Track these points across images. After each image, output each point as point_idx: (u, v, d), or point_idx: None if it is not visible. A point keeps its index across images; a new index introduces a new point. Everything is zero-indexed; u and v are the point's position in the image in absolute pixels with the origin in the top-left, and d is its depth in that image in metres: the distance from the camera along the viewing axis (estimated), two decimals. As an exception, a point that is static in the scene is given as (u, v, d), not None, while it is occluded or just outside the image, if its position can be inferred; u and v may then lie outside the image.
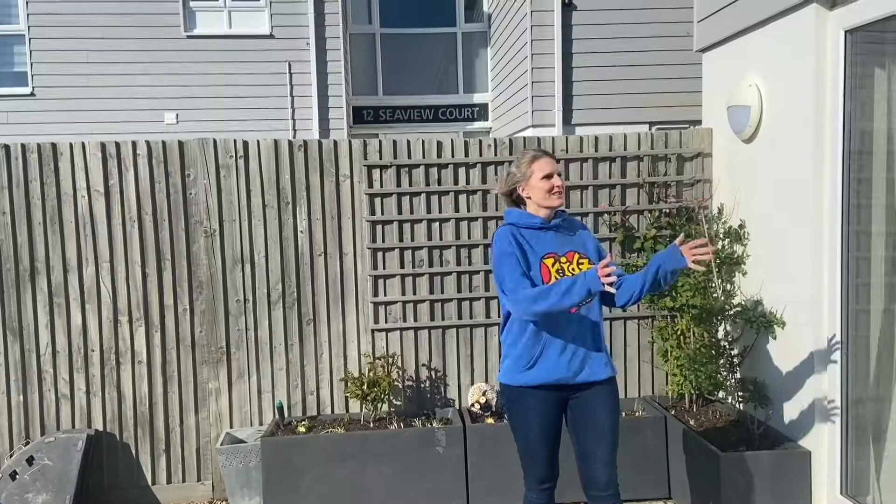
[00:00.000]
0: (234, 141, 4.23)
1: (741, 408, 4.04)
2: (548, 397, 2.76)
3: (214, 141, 4.22)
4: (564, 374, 2.73)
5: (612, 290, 2.54)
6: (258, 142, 4.24)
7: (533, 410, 2.77)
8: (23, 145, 4.11)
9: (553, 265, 2.75)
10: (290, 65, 10.47)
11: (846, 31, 3.27)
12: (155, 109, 10.20)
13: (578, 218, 3.22)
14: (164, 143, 4.20)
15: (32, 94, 10.24)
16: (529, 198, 2.82)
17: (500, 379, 2.89)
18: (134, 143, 4.18)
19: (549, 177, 2.76)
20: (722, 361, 3.89)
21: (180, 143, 4.20)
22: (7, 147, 4.10)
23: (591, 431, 2.76)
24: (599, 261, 2.74)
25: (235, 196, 4.22)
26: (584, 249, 2.83)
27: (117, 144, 4.17)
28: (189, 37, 10.37)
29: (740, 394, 3.87)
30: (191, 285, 4.23)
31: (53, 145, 4.12)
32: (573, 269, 2.75)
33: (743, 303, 3.98)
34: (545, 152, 2.85)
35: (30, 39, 10.18)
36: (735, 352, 3.89)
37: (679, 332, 4.12)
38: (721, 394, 4.22)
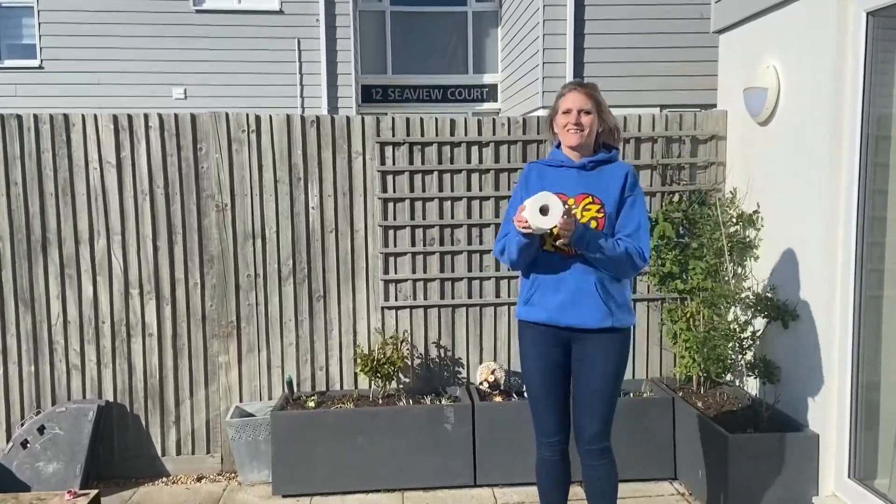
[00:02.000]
0: (247, 115, 4.21)
1: (749, 391, 4.05)
2: (546, 334, 2.73)
3: (227, 115, 4.20)
4: (549, 316, 2.69)
5: (541, 224, 2.49)
6: (270, 117, 4.22)
7: (532, 346, 2.79)
8: (35, 115, 4.10)
9: None
10: (299, 41, 10.42)
11: (868, 14, 3.23)
12: (163, 84, 10.17)
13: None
14: (176, 116, 4.19)
15: (41, 67, 10.22)
16: (556, 134, 2.77)
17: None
18: (146, 116, 4.16)
19: (567, 112, 2.67)
20: (731, 344, 3.89)
21: (192, 117, 4.19)
22: (20, 117, 4.09)
23: (580, 380, 2.73)
24: (620, 208, 2.66)
25: (247, 171, 4.21)
26: (600, 193, 2.67)
27: (129, 117, 4.15)
28: (198, 11, 10.31)
29: (749, 375, 3.88)
30: (202, 259, 4.23)
31: (66, 116, 4.11)
32: (576, 213, 2.64)
33: (754, 287, 3.97)
34: (577, 84, 2.70)
35: (38, 12, 10.14)
36: (745, 335, 3.89)
37: (689, 315, 4.12)
38: (729, 376, 4.23)
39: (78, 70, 10.02)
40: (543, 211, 2.54)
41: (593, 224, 2.64)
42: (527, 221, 2.54)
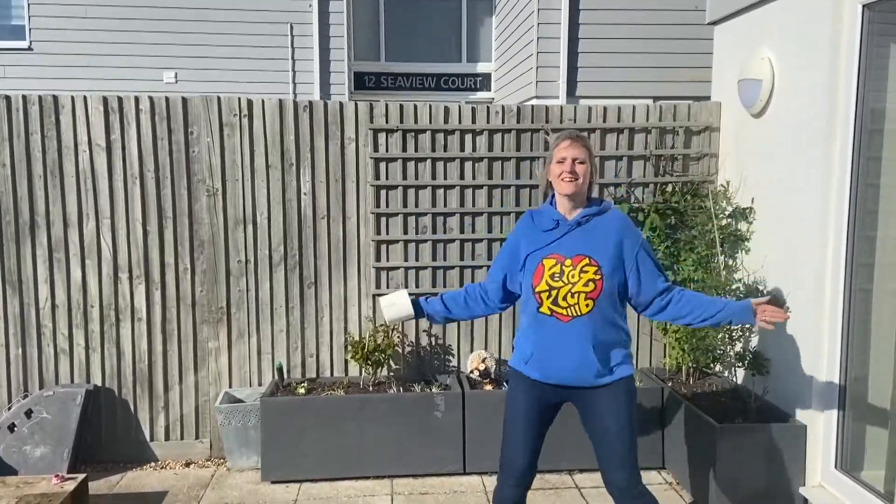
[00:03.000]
0: (239, 99, 4.17)
1: (738, 381, 4.08)
2: (542, 388, 2.72)
3: (218, 98, 4.16)
4: (546, 376, 2.68)
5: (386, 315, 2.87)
6: (263, 101, 4.19)
7: (522, 394, 2.76)
8: (24, 97, 4.04)
9: (552, 267, 2.63)
10: (291, 26, 10.33)
11: (863, 6, 3.23)
12: (154, 68, 10.07)
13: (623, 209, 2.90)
14: (167, 99, 4.15)
15: (30, 49, 10.09)
16: (549, 185, 2.74)
17: None
18: (136, 99, 4.12)
19: (562, 161, 2.65)
20: (721, 335, 3.91)
21: (184, 100, 4.15)
22: (8, 98, 4.03)
23: (596, 434, 2.70)
24: (622, 265, 2.64)
25: (239, 155, 4.18)
26: (596, 254, 2.63)
27: (119, 99, 4.11)
28: (189, -7, 10.18)
29: (738, 366, 3.89)
30: (192, 244, 4.20)
31: (55, 98, 4.06)
32: (573, 276, 2.60)
33: (745, 279, 3.99)
34: (570, 134, 2.69)
35: (27, -8, 10.00)
36: (735, 326, 3.90)
37: (680, 306, 4.13)
38: (718, 367, 4.25)
39: (67, 52, 9.90)
40: (390, 306, 2.87)
41: (591, 286, 2.60)
42: None
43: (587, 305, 2.60)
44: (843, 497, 3.31)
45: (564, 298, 2.61)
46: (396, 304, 2.86)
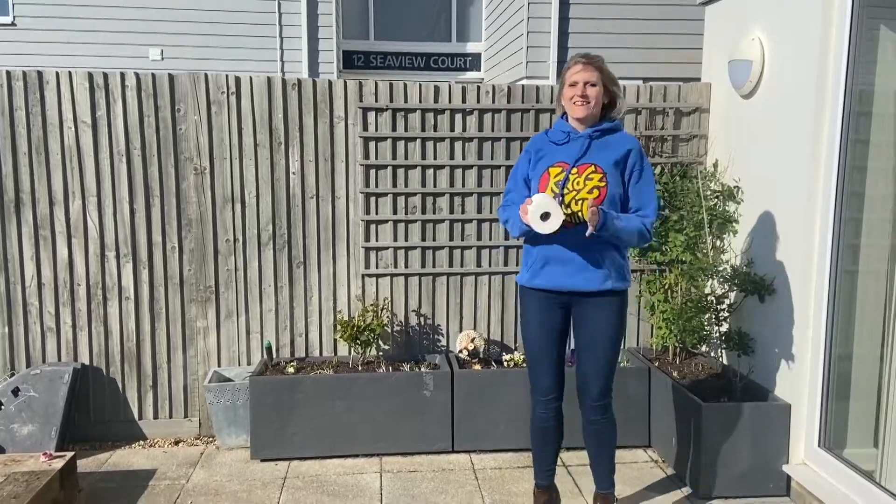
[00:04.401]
0: (227, 77, 4.13)
1: (724, 361, 4.12)
2: (548, 299, 2.86)
3: (206, 75, 4.12)
4: (551, 282, 2.82)
5: (541, 229, 2.65)
6: (251, 79, 4.15)
7: (534, 311, 2.91)
8: (8, 72, 3.98)
9: (557, 175, 2.74)
10: (279, 3, 10.22)
11: (855, -13, 3.23)
12: (140, 44, 9.94)
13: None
14: (153, 75, 4.10)
15: (13, 24, 9.92)
16: (563, 106, 2.83)
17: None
18: (122, 75, 4.07)
19: (574, 85, 2.71)
20: (707, 316, 3.94)
21: (170, 77, 4.10)
22: (-9, 73, 3.97)
23: (583, 340, 2.87)
24: (623, 178, 2.74)
25: (227, 134, 4.15)
26: (602, 162, 2.74)
27: (105, 75, 4.05)
28: (176, -31, 10.04)
29: (724, 346, 3.94)
30: (180, 223, 4.18)
31: (39, 73, 4.00)
32: (578, 182, 2.71)
33: (732, 260, 4.01)
34: (582, 58, 2.75)
35: (9, -35, 9.81)
36: (721, 307, 3.94)
37: (667, 286, 4.16)
38: (704, 347, 4.29)
39: (52, 28, 9.74)
40: (544, 217, 2.67)
41: (595, 193, 2.70)
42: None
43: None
44: (826, 474, 3.36)
45: (569, 206, 2.70)
46: (555, 208, 2.67)
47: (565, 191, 2.71)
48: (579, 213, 2.71)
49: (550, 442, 3.11)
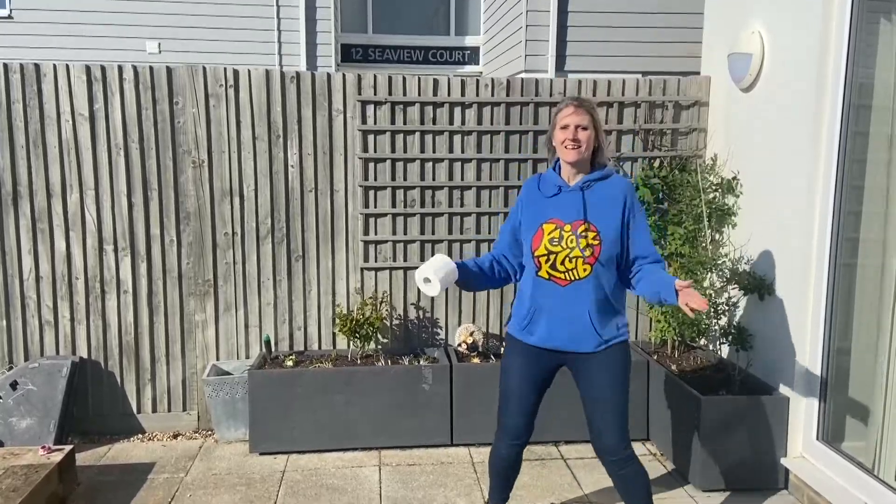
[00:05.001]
0: (225, 69, 4.11)
1: (723, 355, 4.12)
2: (538, 354, 2.76)
3: (204, 68, 4.10)
4: (543, 341, 2.72)
5: (425, 290, 2.65)
6: (249, 71, 4.13)
7: (518, 357, 2.80)
8: (5, 65, 3.96)
9: (551, 232, 2.65)
10: (277, -4, 10.17)
11: (855, -19, 3.22)
12: (137, 38, 9.90)
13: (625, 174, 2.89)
14: (151, 68, 4.08)
15: (10, 17, 9.87)
16: (553, 151, 2.74)
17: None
18: (120, 68, 4.05)
19: (565, 128, 2.64)
20: (706, 310, 3.93)
21: (168, 70, 4.08)
22: (-12, 66, 3.96)
23: (589, 396, 2.73)
24: (623, 231, 2.65)
25: (225, 127, 4.13)
26: (596, 220, 2.64)
27: (103, 68, 4.03)
28: (173, -38, 9.99)
29: (722, 340, 3.94)
30: (178, 216, 4.16)
31: (37, 66, 3.98)
32: (572, 240, 2.62)
33: (731, 254, 4.01)
34: (573, 100, 2.67)
35: (6, -42, 9.76)
36: (720, 301, 3.94)
37: (666, 280, 4.15)
38: (703, 341, 4.29)
39: (49, 21, 9.70)
40: (426, 281, 2.63)
41: (588, 252, 2.61)
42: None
43: (585, 270, 2.62)
44: (824, 467, 3.37)
45: (563, 263, 2.64)
46: (435, 274, 2.62)
47: (559, 248, 2.63)
48: (573, 271, 2.63)
49: (511, 477, 3.01)
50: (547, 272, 2.66)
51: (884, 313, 3.15)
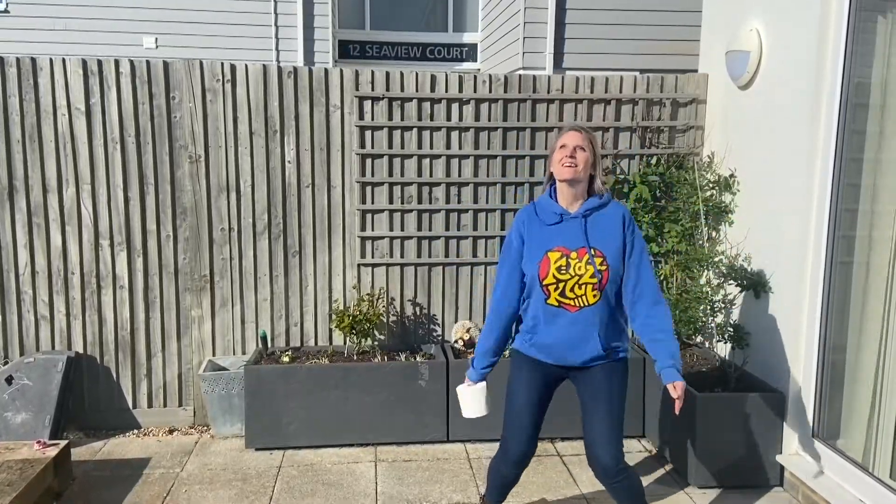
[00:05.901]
0: (222, 64, 4.10)
1: (719, 352, 4.13)
2: (545, 368, 2.79)
3: (201, 63, 4.09)
4: (549, 357, 2.76)
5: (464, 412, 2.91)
6: (246, 66, 4.12)
7: (525, 371, 2.83)
8: (1, 58, 3.95)
9: (557, 260, 2.66)
10: (275, -8, 10.13)
11: (853, -22, 3.22)
12: (134, 32, 9.85)
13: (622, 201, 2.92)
14: (148, 63, 4.07)
15: (6, 11, 9.82)
16: (551, 176, 2.75)
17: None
18: (117, 62, 4.04)
19: (563, 147, 2.66)
20: (702, 307, 3.94)
21: (165, 64, 4.07)
22: (-17, 59, 3.94)
23: (588, 410, 2.76)
24: (624, 259, 2.67)
25: (222, 122, 4.12)
26: (601, 245, 2.67)
27: (99, 62, 4.02)
28: (170, -43, 9.94)
29: (718, 338, 3.94)
30: (174, 211, 4.15)
31: (33, 60, 3.97)
32: (580, 267, 2.64)
33: (728, 252, 4.01)
34: (575, 127, 2.73)
35: (2, -48, 9.71)
36: (716, 298, 3.94)
37: (662, 277, 4.16)
38: (699, 338, 4.30)
39: (45, 15, 9.65)
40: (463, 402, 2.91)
41: (597, 278, 2.64)
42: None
43: (594, 296, 2.65)
44: (820, 465, 3.38)
45: (572, 290, 2.65)
46: (473, 404, 2.92)
47: (567, 275, 2.64)
48: (583, 297, 2.65)
49: (510, 487, 3.02)
50: (556, 300, 2.68)
51: (880, 311, 3.15)
